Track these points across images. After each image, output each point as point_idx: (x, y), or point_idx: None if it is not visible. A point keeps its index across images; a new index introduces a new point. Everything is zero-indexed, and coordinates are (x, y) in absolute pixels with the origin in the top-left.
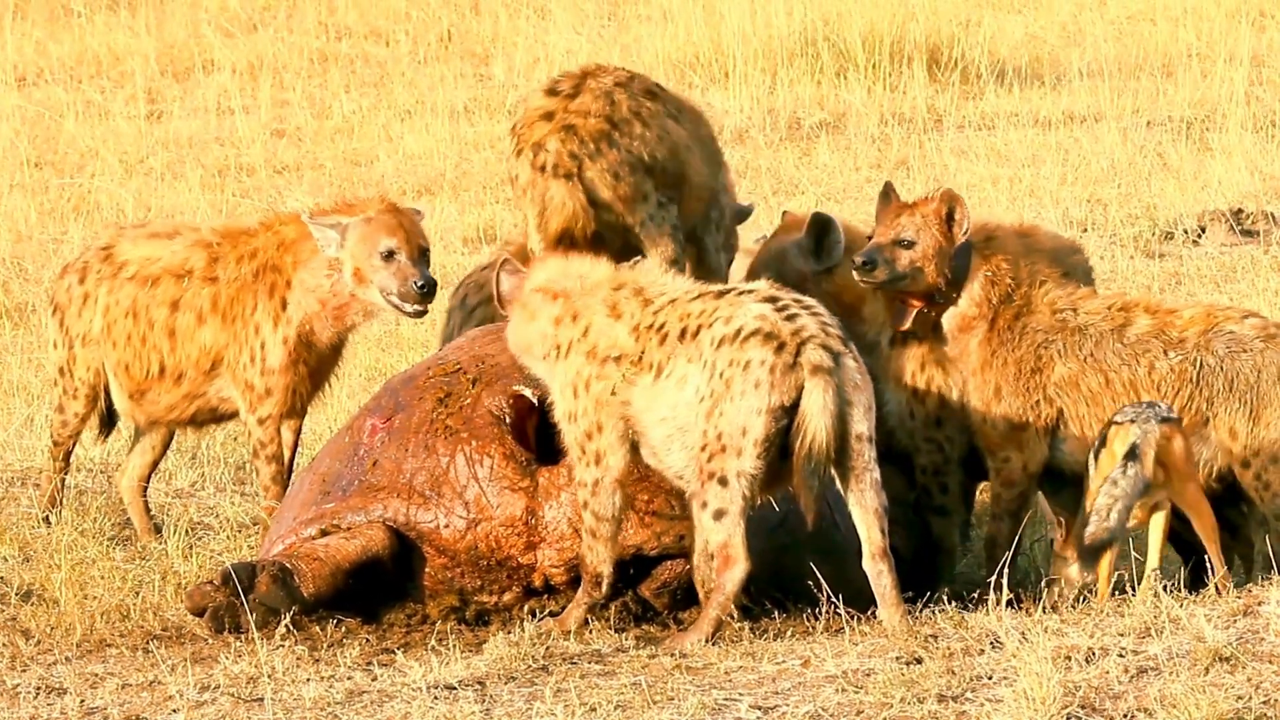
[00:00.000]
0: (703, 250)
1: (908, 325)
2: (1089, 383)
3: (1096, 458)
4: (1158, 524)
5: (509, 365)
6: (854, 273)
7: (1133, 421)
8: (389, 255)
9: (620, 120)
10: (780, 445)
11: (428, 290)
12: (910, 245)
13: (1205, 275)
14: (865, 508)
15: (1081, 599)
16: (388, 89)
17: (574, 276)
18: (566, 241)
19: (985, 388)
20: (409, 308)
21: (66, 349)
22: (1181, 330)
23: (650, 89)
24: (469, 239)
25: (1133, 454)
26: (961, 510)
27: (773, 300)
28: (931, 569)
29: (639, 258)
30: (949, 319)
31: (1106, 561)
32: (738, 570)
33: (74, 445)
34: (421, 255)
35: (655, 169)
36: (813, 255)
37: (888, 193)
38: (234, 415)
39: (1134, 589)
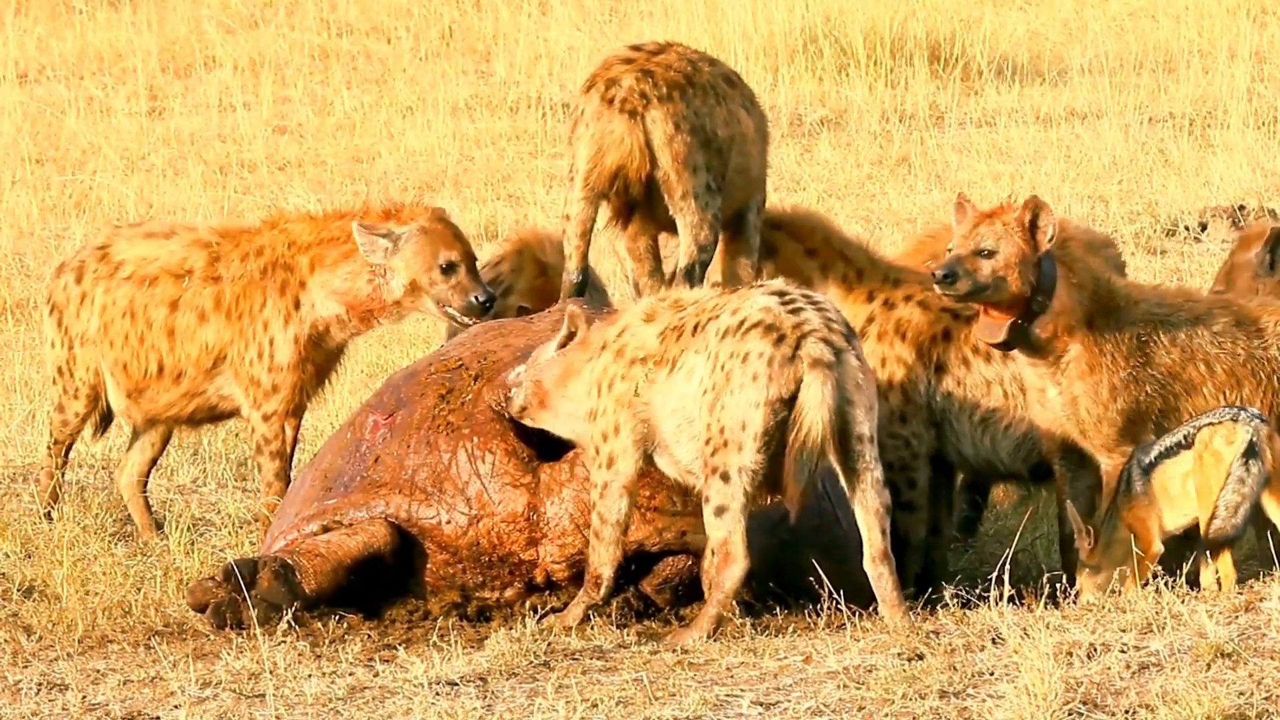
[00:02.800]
0: (744, 225)
1: (1002, 338)
2: (1190, 372)
3: (1168, 456)
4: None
5: (511, 361)
6: (935, 286)
7: (1235, 420)
8: (449, 268)
9: (698, 85)
10: (782, 440)
11: (490, 304)
12: (990, 255)
13: (1207, 272)
14: (866, 508)
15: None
16: (389, 85)
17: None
18: (620, 183)
19: (1099, 389)
20: (469, 321)
21: (66, 349)
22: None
23: (729, 76)
24: (471, 235)
25: (1252, 451)
26: (928, 505)
27: (780, 294)
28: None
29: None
30: (1040, 326)
31: (1227, 558)
32: (737, 568)
33: (74, 442)
34: (476, 267)
35: (713, 147)
36: None
37: (962, 204)
38: (233, 414)
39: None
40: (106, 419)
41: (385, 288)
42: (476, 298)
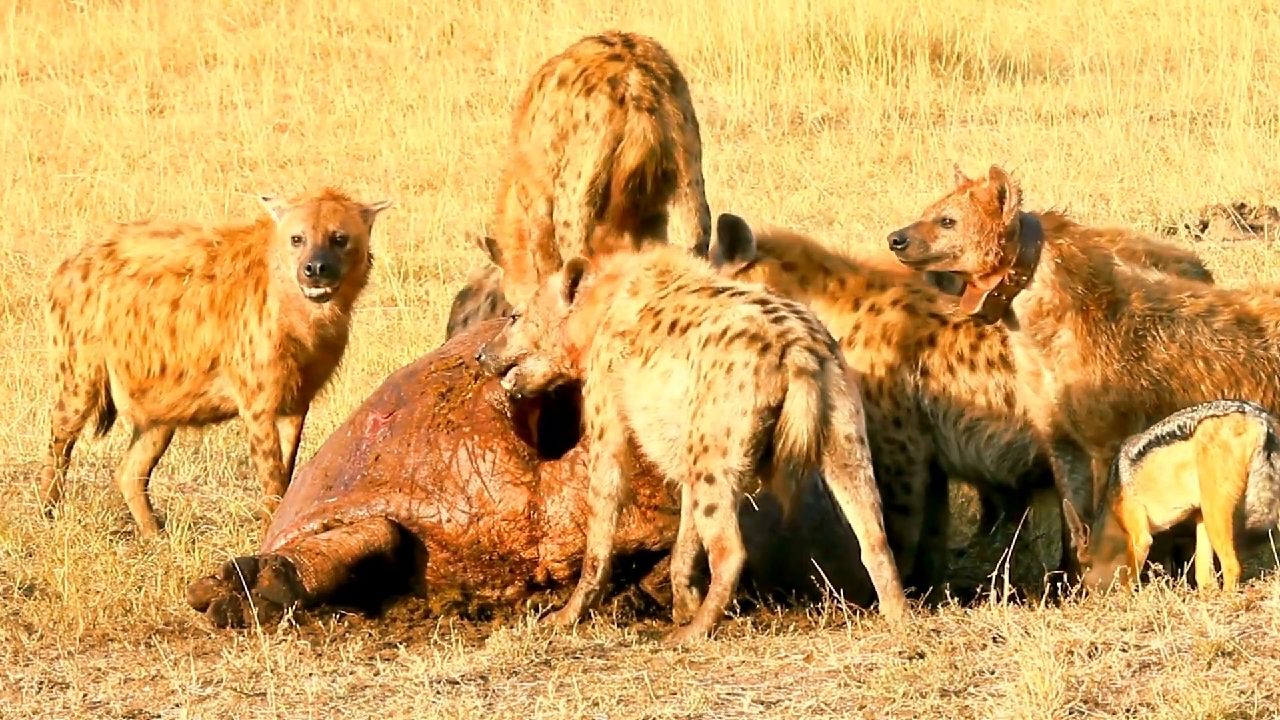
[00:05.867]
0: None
1: (977, 309)
2: (1189, 369)
3: (1159, 445)
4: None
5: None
6: (891, 250)
7: (1243, 413)
8: (296, 240)
9: (677, 73)
10: (768, 444)
11: (312, 273)
12: (950, 224)
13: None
14: (860, 503)
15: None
16: (390, 84)
17: (632, 258)
18: (635, 181)
19: (1091, 380)
20: (307, 290)
21: (67, 345)
22: None
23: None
24: (472, 234)
25: (1273, 444)
26: (923, 509)
27: (762, 303)
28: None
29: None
30: (1021, 303)
31: (1232, 553)
32: (734, 560)
33: (75, 440)
34: (331, 241)
35: (697, 132)
36: (726, 256)
37: (958, 176)
38: (235, 414)
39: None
40: (108, 417)
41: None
42: (306, 266)
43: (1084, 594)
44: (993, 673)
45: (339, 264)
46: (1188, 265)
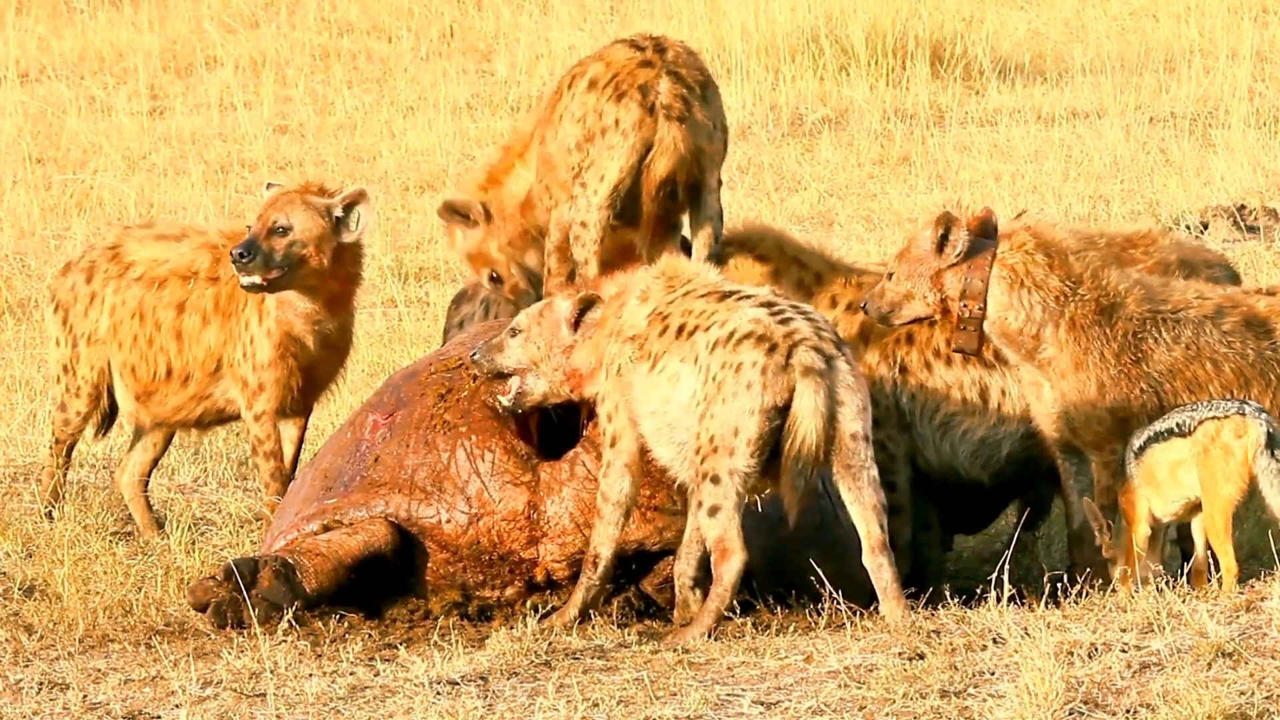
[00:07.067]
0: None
1: (956, 345)
2: (1195, 370)
3: (1157, 441)
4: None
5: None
6: None
7: (1243, 415)
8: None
9: (708, 78)
10: (774, 444)
11: (234, 259)
12: (890, 277)
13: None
14: (863, 504)
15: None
16: (390, 85)
17: (638, 273)
18: (666, 190)
19: (1086, 386)
20: (241, 281)
21: (70, 347)
22: None
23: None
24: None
25: (1274, 442)
26: (911, 506)
27: (769, 305)
28: None
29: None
30: (988, 329)
31: (1230, 551)
32: (735, 561)
33: (75, 441)
34: (269, 230)
35: (725, 139)
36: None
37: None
38: (239, 416)
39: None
40: (108, 419)
41: None
42: (231, 252)
43: (1114, 590)
44: (993, 673)
45: (270, 253)
46: (1219, 270)
